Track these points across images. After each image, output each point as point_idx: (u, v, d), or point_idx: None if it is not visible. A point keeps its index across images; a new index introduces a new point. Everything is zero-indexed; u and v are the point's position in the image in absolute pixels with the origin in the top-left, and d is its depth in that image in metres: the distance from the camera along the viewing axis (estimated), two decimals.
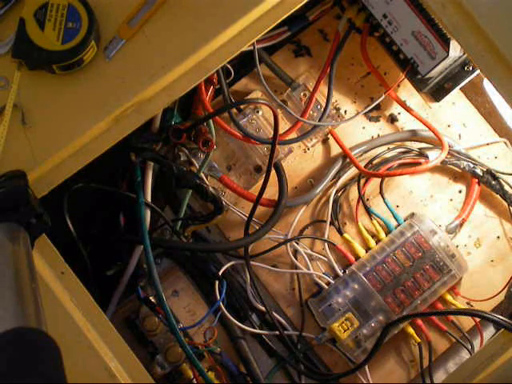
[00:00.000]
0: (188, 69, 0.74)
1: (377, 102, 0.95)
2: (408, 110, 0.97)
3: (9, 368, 0.45)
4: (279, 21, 0.76)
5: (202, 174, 0.94)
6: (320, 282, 0.98)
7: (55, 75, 0.71)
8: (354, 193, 1.01)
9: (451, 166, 1.01)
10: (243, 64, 1.00)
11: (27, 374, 0.45)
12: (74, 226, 0.87)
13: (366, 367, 0.95)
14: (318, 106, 1.00)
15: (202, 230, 1.00)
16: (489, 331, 0.98)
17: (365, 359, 0.92)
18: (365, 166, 1.01)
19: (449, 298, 0.98)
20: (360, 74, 1.02)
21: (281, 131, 0.95)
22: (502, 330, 0.80)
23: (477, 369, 0.75)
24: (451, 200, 1.02)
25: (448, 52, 0.85)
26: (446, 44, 0.85)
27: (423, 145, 1.01)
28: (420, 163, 0.99)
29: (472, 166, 0.99)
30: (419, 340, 0.96)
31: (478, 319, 0.97)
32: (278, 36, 0.96)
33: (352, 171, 1.01)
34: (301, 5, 0.77)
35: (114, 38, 0.72)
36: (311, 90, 0.98)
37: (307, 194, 1.00)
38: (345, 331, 0.94)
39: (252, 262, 0.98)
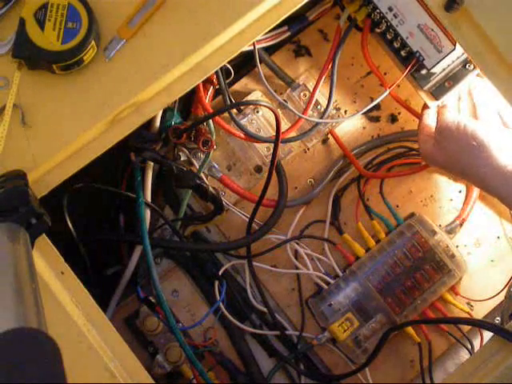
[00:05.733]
0: (188, 69, 0.74)
1: (378, 101, 0.95)
2: (408, 109, 0.97)
3: (9, 368, 0.45)
4: (279, 21, 0.76)
5: (202, 174, 0.94)
6: (320, 282, 0.98)
7: (55, 75, 0.71)
8: (353, 193, 1.01)
9: None
10: (243, 64, 1.00)
11: (27, 375, 0.45)
12: (74, 226, 0.87)
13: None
14: (318, 106, 1.00)
15: (202, 229, 1.00)
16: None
17: (365, 363, 0.92)
18: (365, 166, 1.01)
19: (449, 297, 0.98)
20: (360, 74, 1.02)
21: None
22: None
23: (477, 369, 0.75)
24: (451, 200, 1.02)
25: (455, 45, 0.85)
26: (452, 37, 0.85)
27: None
28: (420, 163, 0.99)
29: None
30: (419, 340, 0.96)
31: None
32: (278, 36, 0.96)
33: (352, 171, 1.01)
34: (301, 5, 0.77)
35: (113, 38, 0.71)
36: (311, 90, 0.98)
37: (307, 194, 1.00)
38: (345, 331, 0.94)
39: (252, 262, 0.98)
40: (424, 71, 0.90)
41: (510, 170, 0.81)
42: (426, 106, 0.93)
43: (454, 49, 0.86)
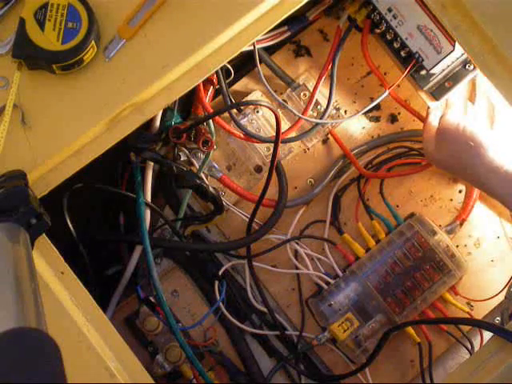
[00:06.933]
0: (188, 69, 0.74)
1: (378, 101, 0.95)
2: (408, 109, 0.97)
3: (9, 368, 0.45)
4: (279, 21, 0.76)
5: (202, 174, 0.94)
6: (320, 282, 0.98)
7: (55, 75, 0.71)
8: (353, 193, 1.01)
9: None
10: (243, 64, 1.00)
11: (27, 375, 0.45)
12: (74, 226, 0.87)
13: None
14: (318, 106, 1.00)
15: (202, 229, 1.00)
16: None
17: (365, 363, 0.92)
18: (365, 166, 1.01)
19: (449, 297, 0.98)
20: (360, 74, 1.02)
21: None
22: None
23: (477, 369, 0.75)
24: (451, 200, 1.02)
25: (454, 46, 0.85)
26: (451, 38, 0.85)
27: None
28: (420, 163, 0.99)
29: None
30: (419, 340, 0.96)
31: None
32: (278, 36, 0.96)
33: (352, 171, 1.01)
34: (301, 5, 0.77)
35: (114, 38, 0.71)
36: (311, 90, 0.98)
37: (307, 194, 1.00)
38: (345, 331, 0.94)
39: (252, 262, 0.98)
40: (424, 72, 0.90)
41: (506, 171, 0.82)
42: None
43: (453, 50, 0.86)
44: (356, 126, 1.03)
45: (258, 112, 0.99)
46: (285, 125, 0.98)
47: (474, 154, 0.84)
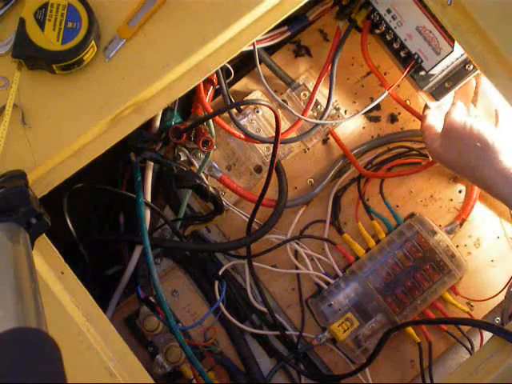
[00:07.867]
0: (188, 69, 0.74)
1: (378, 101, 0.95)
2: (408, 109, 0.97)
3: (9, 368, 0.45)
4: (279, 21, 0.76)
5: (202, 174, 0.94)
6: (320, 282, 0.98)
7: (55, 75, 0.71)
8: (353, 193, 1.01)
9: None
10: (243, 64, 1.00)
11: (27, 374, 0.45)
12: (74, 226, 0.87)
13: None
14: (318, 106, 1.00)
15: (202, 229, 1.00)
16: None
17: (365, 363, 0.92)
18: (365, 166, 1.01)
19: (449, 297, 0.98)
20: (360, 74, 1.02)
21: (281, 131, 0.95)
22: None
23: (477, 369, 0.75)
24: (451, 200, 1.02)
25: (453, 47, 0.85)
26: (450, 39, 0.85)
27: (423, 145, 1.01)
28: (420, 163, 0.99)
29: None
30: (419, 340, 0.96)
31: None
32: (278, 36, 0.96)
33: (352, 171, 1.01)
34: (301, 5, 0.77)
35: (114, 38, 0.71)
36: (311, 90, 0.98)
37: (307, 194, 1.00)
38: (344, 331, 0.94)
39: (252, 262, 0.98)
40: (423, 72, 0.90)
41: None
42: (427, 106, 0.93)
43: (452, 51, 0.86)
44: (356, 126, 1.03)
45: (257, 112, 0.99)
46: (285, 125, 0.98)
47: (480, 155, 0.82)
